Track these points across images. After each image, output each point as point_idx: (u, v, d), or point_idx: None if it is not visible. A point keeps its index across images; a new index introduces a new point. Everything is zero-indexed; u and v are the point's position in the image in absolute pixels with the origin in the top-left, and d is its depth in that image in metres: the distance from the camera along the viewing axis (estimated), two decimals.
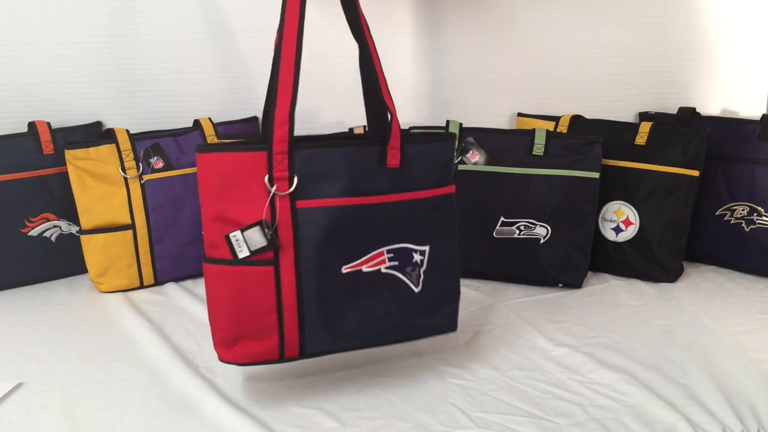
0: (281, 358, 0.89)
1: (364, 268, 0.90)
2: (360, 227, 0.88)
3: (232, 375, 0.99)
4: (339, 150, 0.87)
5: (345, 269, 0.89)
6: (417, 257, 0.93)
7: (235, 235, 0.85)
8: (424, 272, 0.93)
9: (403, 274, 0.92)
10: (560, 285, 1.31)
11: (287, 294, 0.87)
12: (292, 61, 0.85)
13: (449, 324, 0.98)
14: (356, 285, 0.90)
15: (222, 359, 0.89)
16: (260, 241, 0.84)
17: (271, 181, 0.85)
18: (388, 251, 0.91)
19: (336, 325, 0.90)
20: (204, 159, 0.85)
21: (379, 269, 0.91)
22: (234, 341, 0.88)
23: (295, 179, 0.85)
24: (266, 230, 0.84)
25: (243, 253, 0.85)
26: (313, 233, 0.86)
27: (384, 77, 0.92)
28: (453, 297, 0.98)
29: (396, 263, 0.91)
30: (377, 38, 1.47)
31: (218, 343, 0.89)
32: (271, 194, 0.85)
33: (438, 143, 0.93)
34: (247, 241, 0.85)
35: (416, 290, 0.93)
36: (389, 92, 0.92)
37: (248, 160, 0.84)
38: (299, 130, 1.41)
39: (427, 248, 0.93)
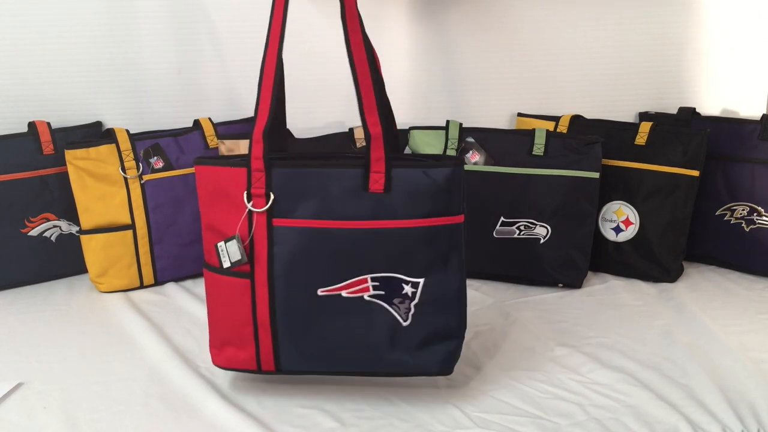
0: (259, 371, 0.92)
1: (344, 293, 0.87)
2: (339, 251, 0.86)
3: (232, 375, 0.99)
4: (317, 171, 0.86)
5: (321, 292, 0.87)
6: (408, 289, 0.87)
7: (221, 245, 0.88)
8: (415, 306, 0.88)
9: (390, 305, 0.88)
10: (560, 285, 1.31)
11: (261, 308, 0.88)
12: (270, 83, 0.86)
13: (442, 366, 0.91)
14: (332, 309, 0.88)
15: (213, 361, 0.94)
16: (237, 253, 0.87)
17: (249, 197, 0.86)
18: (374, 279, 0.87)
19: (308, 347, 0.90)
20: (198, 171, 0.90)
21: (362, 297, 0.87)
22: (222, 345, 0.92)
23: (272, 197, 0.86)
24: (239, 245, 0.87)
25: (226, 263, 0.88)
26: (287, 252, 0.87)
27: (371, 95, 0.85)
28: (451, 335, 0.90)
29: (382, 293, 0.87)
30: (377, 38, 1.47)
31: (211, 344, 0.94)
32: (248, 210, 0.86)
33: (435, 169, 0.85)
34: (228, 253, 0.87)
35: (404, 324, 0.88)
36: (377, 111, 0.85)
37: (234, 175, 0.87)
38: (300, 131, 1.42)
39: (421, 281, 0.87)
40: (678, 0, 1.52)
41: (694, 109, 1.45)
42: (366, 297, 0.87)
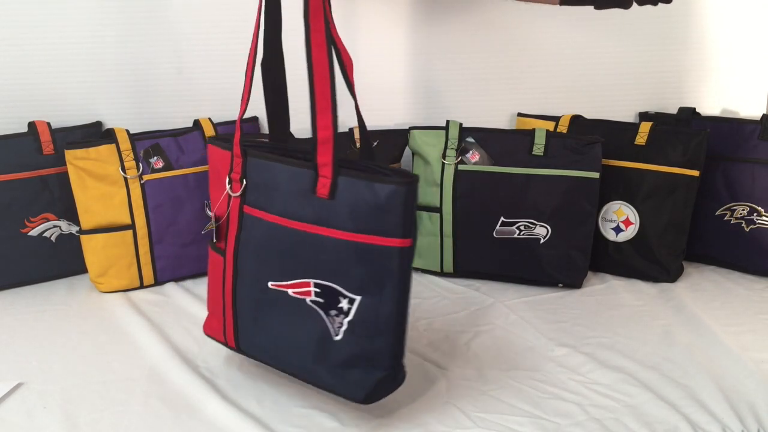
0: (226, 344, 0.97)
1: (290, 292, 0.87)
2: (287, 249, 0.86)
3: (232, 375, 0.99)
4: (279, 165, 0.86)
5: (271, 285, 0.89)
6: (344, 303, 0.83)
7: (212, 222, 0.95)
8: (348, 322, 0.83)
9: (326, 315, 0.85)
10: (560, 285, 1.31)
11: (227, 286, 0.94)
12: (251, 68, 0.92)
13: (362, 393, 0.84)
14: (278, 304, 0.89)
15: (203, 329, 1.01)
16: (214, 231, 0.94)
17: (229, 181, 0.92)
18: (316, 285, 0.85)
19: (256, 334, 0.93)
20: (209, 149, 0.98)
21: (305, 300, 0.86)
22: (210, 313, 1.00)
23: (245, 183, 0.90)
24: (214, 223, 0.94)
25: (214, 238, 0.95)
26: (250, 239, 0.91)
27: (327, 97, 0.81)
28: (377, 365, 0.84)
29: (321, 300, 0.85)
30: (377, 37, 1.48)
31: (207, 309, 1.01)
32: (225, 192, 0.92)
33: (380, 184, 0.79)
34: (215, 230, 0.95)
35: (334, 338, 0.84)
36: (331, 114, 0.82)
37: (224, 156, 0.94)
38: (300, 131, 1.42)
39: (358, 298, 0.82)
40: (678, 0, 1.52)
41: (694, 109, 1.45)
42: (308, 301, 0.87)
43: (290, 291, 0.88)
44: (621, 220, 1.34)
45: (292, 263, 0.87)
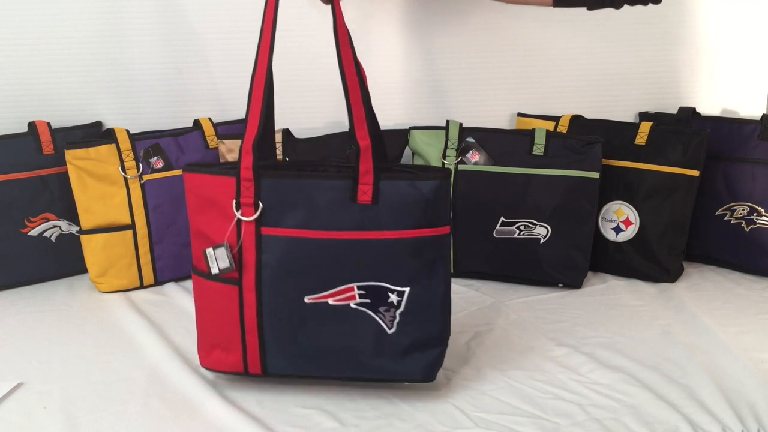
0: (246, 373, 0.93)
1: (331, 301, 0.88)
2: (326, 260, 0.87)
3: (232, 375, 0.99)
4: (305, 182, 0.86)
5: (308, 299, 0.88)
6: (393, 298, 0.88)
7: (209, 252, 0.89)
8: (400, 314, 0.89)
9: (376, 313, 0.89)
10: (560, 285, 1.31)
11: (248, 314, 0.90)
12: (260, 94, 0.88)
13: (424, 374, 0.92)
14: (319, 316, 0.89)
15: (201, 363, 0.95)
16: (226, 261, 0.88)
17: (238, 206, 0.87)
18: (360, 287, 0.88)
19: (294, 352, 0.91)
20: (187, 178, 0.91)
21: (348, 304, 0.88)
22: (210, 348, 0.94)
23: (260, 206, 0.87)
24: (228, 253, 0.88)
25: (215, 269, 0.89)
26: (275, 260, 0.88)
27: (360, 108, 0.87)
28: (434, 343, 0.91)
29: (368, 301, 0.88)
30: (377, 38, 1.48)
31: (199, 347, 0.96)
32: (236, 219, 0.87)
33: (422, 182, 0.86)
34: (216, 260, 0.88)
35: (389, 331, 0.89)
36: (366, 124, 0.87)
37: (223, 183, 0.88)
38: (300, 131, 1.42)
39: (407, 290, 0.88)
40: (678, 0, 1.52)
41: (694, 109, 1.45)
42: (352, 305, 0.89)
43: (331, 300, 0.88)
44: (621, 220, 1.34)
45: (331, 272, 0.87)
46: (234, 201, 0.88)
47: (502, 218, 1.29)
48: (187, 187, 0.91)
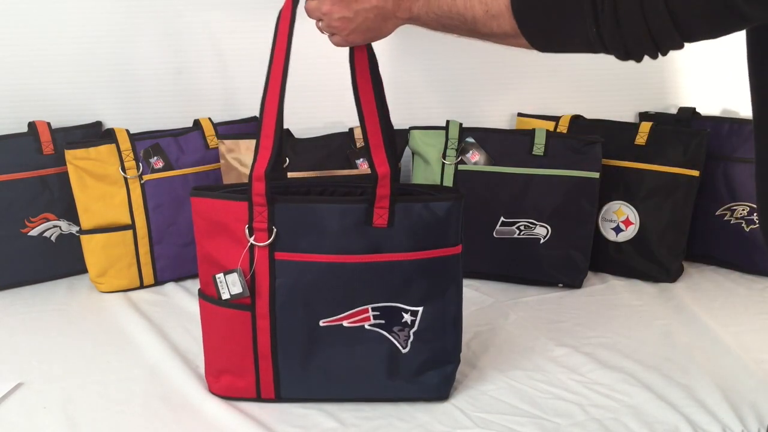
0: (259, 398, 0.92)
1: (345, 323, 0.88)
2: (340, 283, 0.87)
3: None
4: (321, 206, 0.86)
5: (323, 323, 0.88)
6: (407, 317, 0.89)
7: (220, 277, 0.88)
8: (414, 333, 0.90)
9: (390, 333, 0.89)
10: (560, 285, 1.31)
11: (262, 339, 0.89)
12: (273, 120, 0.85)
13: (438, 391, 0.93)
14: (333, 339, 0.89)
15: (210, 389, 0.94)
16: (238, 286, 0.87)
17: (251, 231, 0.86)
18: (374, 309, 0.88)
19: (308, 376, 0.90)
20: (196, 202, 0.89)
21: (363, 326, 0.89)
22: (219, 373, 0.93)
23: (274, 231, 0.86)
24: (241, 278, 0.86)
25: (225, 294, 0.88)
26: (290, 285, 0.87)
27: (378, 135, 0.87)
28: (446, 360, 0.92)
29: (382, 321, 0.89)
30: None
31: (207, 372, 0.94)
32: (249, 244, 0.86)
33: (437, 203, 0.87)
34: (228, 285, 0.87)
35: (403, 351, 0.90)
36: (384, 150, 0.86)
37: (233, 208, 0.87)
38: (300, 131, 1.42)
39: (420, 309, 0.89)
40: None
41: (694, 109, 1.45)
42: (366, 326, 0.89)
43: (345, 322, 0.88)
44: (621, 220, 1.34)
45: (345, 295, 0.87)
46: (246, 226, 0.86)
47: (502, 218, 1.29)
48: (195, 211, 0.89)
